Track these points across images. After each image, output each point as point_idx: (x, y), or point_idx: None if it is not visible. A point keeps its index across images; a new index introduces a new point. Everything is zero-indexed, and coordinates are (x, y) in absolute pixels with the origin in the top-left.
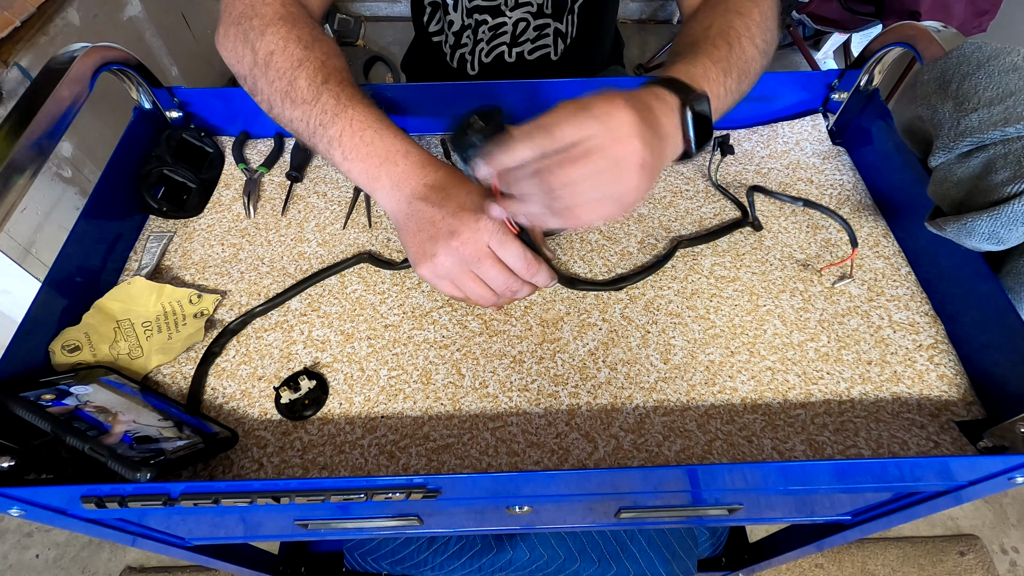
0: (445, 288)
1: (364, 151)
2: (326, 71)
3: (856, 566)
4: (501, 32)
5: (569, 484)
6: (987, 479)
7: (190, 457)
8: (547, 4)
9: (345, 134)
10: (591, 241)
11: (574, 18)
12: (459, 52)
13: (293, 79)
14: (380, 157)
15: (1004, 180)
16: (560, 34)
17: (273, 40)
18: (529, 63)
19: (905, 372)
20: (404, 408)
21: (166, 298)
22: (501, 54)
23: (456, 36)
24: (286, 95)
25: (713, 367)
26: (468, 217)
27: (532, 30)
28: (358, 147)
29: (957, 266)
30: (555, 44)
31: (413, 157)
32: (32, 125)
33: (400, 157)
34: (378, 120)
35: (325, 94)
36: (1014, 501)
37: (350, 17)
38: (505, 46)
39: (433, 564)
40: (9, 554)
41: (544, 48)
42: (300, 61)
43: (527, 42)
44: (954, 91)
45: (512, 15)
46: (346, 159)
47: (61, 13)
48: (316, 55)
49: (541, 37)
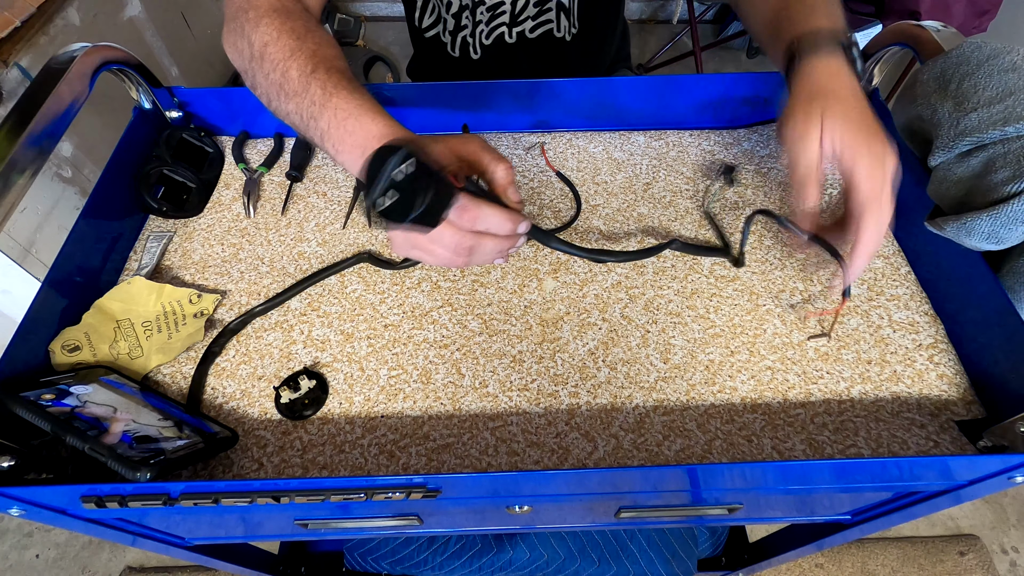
0: (422, 258)
1: (349, 142)
2: (316, 60)
3: (856, 566)
4: (500, 11)
5: (569, 484)
6: (987, 478)
7: (190, 457)
8: None
9: (332, 125)
10: (591, 241)
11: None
12: (460, 36)
13: (286, 70)
14: (361, 147)
15: (1004, 179)
16: (563, 8)
17: (267, 31)
18: (532, 42)
19: (905, 371)
20: (404, 408)
21: (166, 298)
22: (501, 35)
23: (455, 19)
24: (280, 88)
25: (713, 367)
26: None
27: (532, 7)
28: (343, 139)
29: (957, 266)
30: (558, 19)
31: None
32: (32, 125)
33: (375, 142)
34: (359, 106)
35: (313, 83)
36: (1014, 501)
37: (350, 17)
38: (505, 26)
39: (433, 564)
40: (9, 554)
41: (547, 24)
42: (292, 51)
43: (528, 20)
44: (954, 91)
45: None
46: (337, 152)
47: (61, 13)
48: (308, 45)
49: (542, 13)
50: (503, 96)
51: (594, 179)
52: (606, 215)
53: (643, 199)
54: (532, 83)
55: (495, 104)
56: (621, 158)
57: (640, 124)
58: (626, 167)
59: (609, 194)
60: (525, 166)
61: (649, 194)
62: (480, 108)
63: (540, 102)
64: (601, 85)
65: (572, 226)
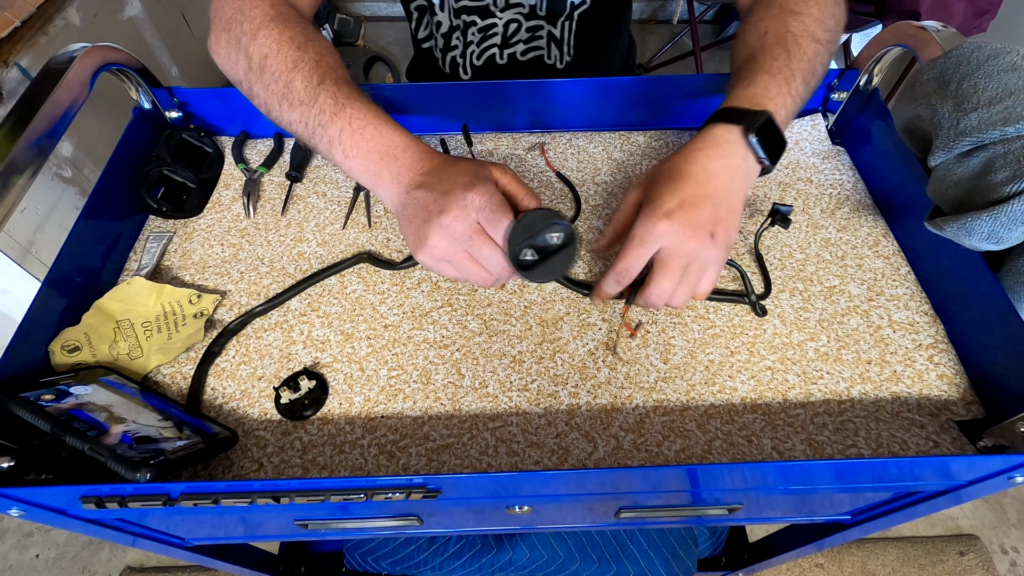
0: (446, 271)
1: (365, 148)
2: (321, 71)
3: (856, 566)
4: (491, 33)
5: (569, 484)
6: (987, 479)
7: (190, 457)
8: (540, 6)
9: (345, 132)
10: (590, 240)
11: (572, 24)
12: (450, 55)
13: (289, 82)
14: (380, 153)
15: (1003, 180)
16: (554, 39)
17: (266, 43)
18: (523, 65)
19: (905, 372)
20: (404, 408)
21: (166, 298)
22: (492, 56)
23: (445, 39)
24: (283, 98)
25: (713, 367)
26: (457, 194)
27: (524, 31)
28: (359, 144)
29: (957, 266)
30: (548, 48)
31: (412, 151)
32: (32, 125)
33: (399, 151)
34: (377, 116)
35: (323, 94)
36: (1014, 501)
37: (350, 17)
38: (496, 47)
39: (433, 564)
40: (9, 554)
41: (537, 50)
42: (295, 63)
43: (519, 43)
44: (953, 91)
45: (503, 16)
46: (347, 157)
47: (61, 13)
48: (310, 55)
49: (534, 39)
50: (503, 96)
51: (594, 179)
52: (606, 215)
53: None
54: (532, 83)
55: (495, 104)
56: (621, 158)
57: (640, 124)
58: (626, 167)
59: (609, 194)
60: (525, 166)
61: None
62: (480, 108)
63: (540, 102)
64: (601, 85)
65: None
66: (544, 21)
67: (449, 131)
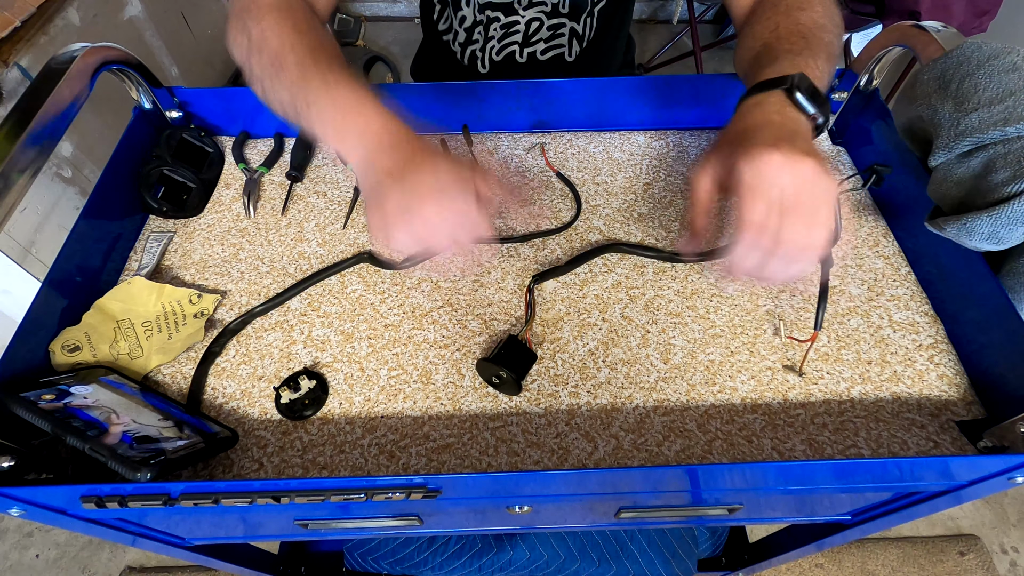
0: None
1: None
2: (315, 53)
3: (856, 566)
4: (513, 31)
5: (569, 484)
6: (987, 479)
7: (190, 457)
8: (563, 3)
9: (332, 114)
10: (591, 241)
11: (593, 20)
12: (470, 49)
13: (283, 59)
14: (359, 132)
15: (1004, 180)
16: (576, 35)
17: (268, 24)
18: (541, 63)
19: (905, 372)
20: (404, 408)
21: (166, 298)
22: (512, 53)
23: (467, 32)
24: (276, 76)
25: (713, 367)
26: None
27: (546, 30)
28: (347, 126)
29: (957, 266)
30: (570, 45)
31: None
32: (32, 125)
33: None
34: (359, 100)
35: (314, 72)
36: (1014, 501)
37: (350, 17)
38: (517, 45)
39: (433, 564)
40: (9, 554)
41: (558, 48)
42: (292, 44)
43: (540, 42)
44: (954, 91)
45: (525, 14)
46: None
47: (61, 13)
48: (308, 39)
49: (555, 37)
50: (503, 96)
51: (594, 179)
52: (606, 215)
53: (643, 199)
54: (532, 83)
55: (495, 104)
56: (621, 158)
57: (640, 124)
58: (626, 167)
59: (609, 194)
60: (525, 166)
61: (649, 194)
62: (480, 108)
63: (540, 102)
64: (601, 85)
65: (572, 226)
66: (567, 18)
67: (450, 130)
